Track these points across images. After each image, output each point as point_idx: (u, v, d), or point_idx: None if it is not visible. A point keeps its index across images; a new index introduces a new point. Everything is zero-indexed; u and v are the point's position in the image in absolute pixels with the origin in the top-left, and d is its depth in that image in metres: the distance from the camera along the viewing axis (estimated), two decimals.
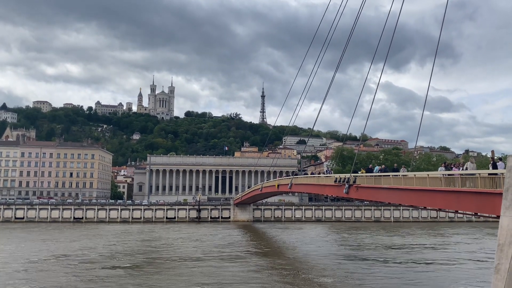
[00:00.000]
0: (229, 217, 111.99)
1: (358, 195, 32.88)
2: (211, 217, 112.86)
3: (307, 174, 76.41)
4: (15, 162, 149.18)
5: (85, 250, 52.92)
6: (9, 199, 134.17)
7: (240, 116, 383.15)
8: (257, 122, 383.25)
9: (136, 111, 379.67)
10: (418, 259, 46.77)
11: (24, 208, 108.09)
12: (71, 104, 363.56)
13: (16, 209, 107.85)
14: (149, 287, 32.10)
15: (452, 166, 24.71)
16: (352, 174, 34.08)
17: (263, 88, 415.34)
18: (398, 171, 28.73)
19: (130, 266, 41.52)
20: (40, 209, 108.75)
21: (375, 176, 30.66)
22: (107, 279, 35.04)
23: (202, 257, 47.14)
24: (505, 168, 18.82)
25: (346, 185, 33.45)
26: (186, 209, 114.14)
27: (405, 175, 25.55)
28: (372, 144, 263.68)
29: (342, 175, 36.30)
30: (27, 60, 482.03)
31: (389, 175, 28.94)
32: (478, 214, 20.97)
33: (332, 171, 33.53)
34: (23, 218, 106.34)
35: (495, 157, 20.75)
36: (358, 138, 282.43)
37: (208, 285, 32.37)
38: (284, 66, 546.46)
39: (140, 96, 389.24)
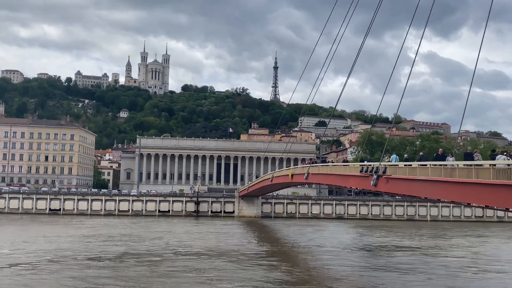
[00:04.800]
0: (233, 212, 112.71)
1: (389, 188, 32.66)
2: (211, 211, 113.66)
3: (346, 161, 75.72)
4: None
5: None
6: None
7: (247, 91, 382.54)
8: (269, 99, 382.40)
9: (124, 83, 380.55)
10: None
11: None
12: (47, 74, 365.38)
13: None
14: None
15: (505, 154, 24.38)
16: (383, 163, 33.83)
17: (275, 58, 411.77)
18: (444, 159, 28.20)
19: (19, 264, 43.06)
20: (10, 198, 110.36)
21: (406, 165, 30.40)
22: None
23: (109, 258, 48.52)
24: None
25: (374, 176, 33.22)
26: (183, 201, 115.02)
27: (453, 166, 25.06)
28: (407, 128, 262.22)
29: (370, 164, 36.08)
30: None
31: (426, 165, 28.68)
32: None
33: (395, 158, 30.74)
34: None
35: None
36: (390, 120, 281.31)
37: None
38: (307, 30, 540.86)
39: (128, 65, 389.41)
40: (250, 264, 46.49)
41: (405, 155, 43.27)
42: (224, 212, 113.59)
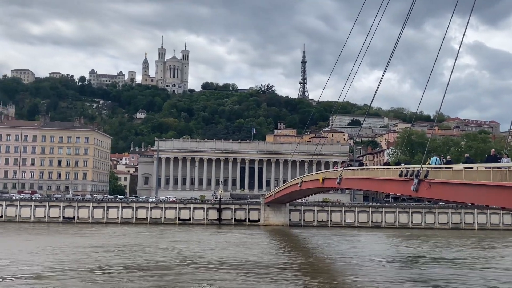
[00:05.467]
0: (259, 220, 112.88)
1: (431, 193, 32.21)
2: (235, 219, 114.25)
3: (387, 163, 74.83)
4: None
5: None
6: None
7: (273, 88, 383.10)
8: (296, 97, 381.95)
9: (140, 82, 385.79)
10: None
11: (2, 205, 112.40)
12: (59, 73, 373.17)
13: None
14: None
15: None
16: (424, 166, 33.35)
17: (304, 51, 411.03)
18: (497, 160, 27.41)
19: None
20: (22, 206, 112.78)
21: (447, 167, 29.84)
22: None
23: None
24: None
25: (415, 180, 32.79)
26: (204, 208, 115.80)
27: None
28: (450, 126, 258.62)
29: (410, 167, 35.61)
30: (7, 16, 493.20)
31: (472, 167, 28.16)
32: None
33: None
34: (1, 216, 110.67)
35: None
36: (432, 118, 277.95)
37: None
38: (339, 20, 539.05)
39: (145, 63, 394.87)
40: (265, 276, 46.12)
41: (448, 157, 42.49)
42: (249, 220, 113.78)
